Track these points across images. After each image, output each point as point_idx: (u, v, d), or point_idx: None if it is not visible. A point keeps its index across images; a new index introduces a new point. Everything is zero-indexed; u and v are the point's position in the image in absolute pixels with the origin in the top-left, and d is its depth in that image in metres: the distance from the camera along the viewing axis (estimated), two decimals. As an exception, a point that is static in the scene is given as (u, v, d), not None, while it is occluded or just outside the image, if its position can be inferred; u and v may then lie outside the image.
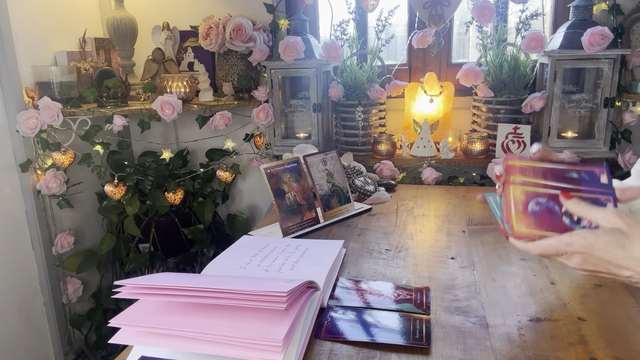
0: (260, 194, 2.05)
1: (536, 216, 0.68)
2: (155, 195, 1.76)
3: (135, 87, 1.86)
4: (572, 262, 0.66)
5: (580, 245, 0.64)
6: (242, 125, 1.92)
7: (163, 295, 0.71)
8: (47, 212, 1.73)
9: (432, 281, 0.93)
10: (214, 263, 0.98)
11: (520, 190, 0.70)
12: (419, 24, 1.72)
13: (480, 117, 1.73)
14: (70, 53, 1.78)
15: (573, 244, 0.64)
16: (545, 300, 0.84)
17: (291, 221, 1.21)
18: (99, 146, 1.70)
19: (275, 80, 1.71)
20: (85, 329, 1.86)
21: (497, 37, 1.63)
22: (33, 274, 1.71)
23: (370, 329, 0.76)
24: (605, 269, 0.63)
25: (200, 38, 1.76)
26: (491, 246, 1.09)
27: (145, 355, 0.69)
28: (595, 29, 1.45)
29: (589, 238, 0.63)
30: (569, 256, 0.66)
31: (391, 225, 1.26)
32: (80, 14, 1.88)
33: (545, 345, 0.71)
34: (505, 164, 0.73)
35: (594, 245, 0.63)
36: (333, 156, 1.36)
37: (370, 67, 1.72)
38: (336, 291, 0.89)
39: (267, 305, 0.67)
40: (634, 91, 1.56)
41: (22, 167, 1.61)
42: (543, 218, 0.68)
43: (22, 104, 1.60)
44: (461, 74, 1.65)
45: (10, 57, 1.55)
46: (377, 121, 1.80)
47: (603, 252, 0.62)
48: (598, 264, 0.64)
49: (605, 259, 0.62)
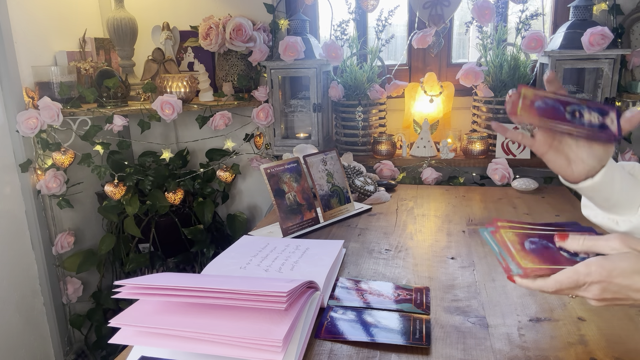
0: (260, 194, 2.05)
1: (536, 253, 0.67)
2: (155, 195, 1.76)
3: (135, 87, 1.86)
4: (590, 293, 0.62)
5: (599, 273, 0.60)
6: (242, 125, 1.92)
7: (163, 295, 0.71)
8: (47, 212, 1.73)
9: (432, 281, 0.93)
10: (214, 263, 0.98)
11: (511, 233, 0.70)
12: (419, 24, 1.72)
13: (480, 117, 1.74)
14: (70, 53, 1.78)
15: (591, 273, 0.61)
16: (545, 300, 0.84)
17: (291, 221, 1.21)
18: (99, 146, 1.70)
19: (275, 80, 1.71)
20: (85, 329, 1.86)
21: (497, 37, 1.63)
22: (33, 274, 1.71)
23: (370, 329, 0.76)
24: (625, 295, 0.61)
25: (200, 38, 1.76)
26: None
27: (145, 355, 0.69)
28: (595, 29, 1.45)
29: (605, 265, 0.61)
30: (587, 287, 0.62)
31: (391, 225, 1.26)
32: (80, 14, 1.88)
33: (545, 345, 0.71)
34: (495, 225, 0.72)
35: (612, 272, 0.60)
36: (333, 156, 1.36)
37: (370, 67, 1.72)
38: (336, 291, 0.89)
39: (267, 305, 0.67)
40: (634, 91, 1.56)
41: (22, 167, 1.61)
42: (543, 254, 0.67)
43: (22, 104, 1.60)
44: (461, 74, 1.65)
45: (10, 57, 1.55)
46: (377, 121, 1.80)
47: (621, 278, 0.60)
48: (618, 291, 0.61)
49: (624, 285, 0.60)
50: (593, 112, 0.70)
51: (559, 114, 0.69)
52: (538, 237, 0.69)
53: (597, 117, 0.70)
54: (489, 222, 0.72)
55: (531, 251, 0.67)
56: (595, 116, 0.70)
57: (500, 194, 1.53)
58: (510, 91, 0.72)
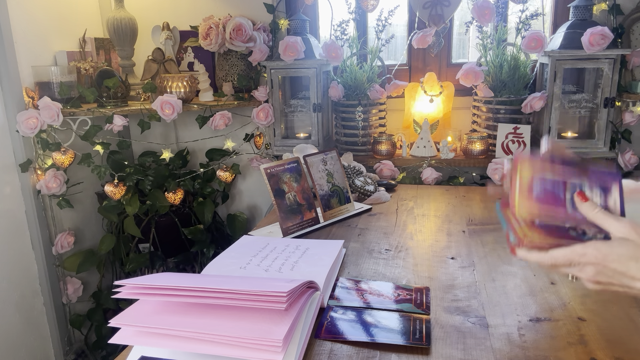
0: (260, 194, 2.05)
1: (540, 201, 0.67)
2: (155, 195, 1.76)
3: (135, 87, 1.86)
4: (584, 274, 0.64)
5: (594, 256, 0.62)
6: (242, 125, 1.92)
7: (163, 295, 0.71)
8: (47, 212, 1.73)
9: (432, 281, 0.93)
10: (214, 263, 0.98)
11: (528, 171, 0.70)
12: (419, 24, 1.72)
13: (480, 117, 1.74)
14: (70, 53, 1.77)
15: (586, 254, 0.63)
16: (545, 300, 0.84)
17: (291, 221, 1.21)
18: (99, 146, 1.70)
19: (275, 80, 1.71)
20: (85, 329, 1.86)
21: (497, 37, 1.63)
22: (33, 274, 1.71)
23: (370, 329, 0.76)
24: (619, 281, 0.62)
25: (200, 38, 1.76)
26: (491, 246, 1.09)
27: (145, 355, 0.69)
28: (595, 29, 1.45)
29: (602, 249, 0.62)
30: (581, 267, 0.64)
31: (391, 225, 1.26)
32: (80, 14, 1.88)
33: (545, 345, 0.71)
34: (514, 159, 0.72)
35: (608, 257, 0.61)
36: (333, 156, 1.36)
37: (370, 67, 1.72)
38: (336, 291, 0.89)
39: (267, 305, 0.67)
40: (634, 91, 1.56)
41: (22, 167, 1.61)
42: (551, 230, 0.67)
43: (22, 104, 1.60)
44: (461, 74, 1.65)
45: (10, 57, 1.55)
46: (377, 121, 1.80)
47: (617, 264, 0.61)
48: (612, 276, 0.62)
49: (619, 271, 0.61)
50: (595, 189, 0.69)
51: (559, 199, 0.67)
52: (554, 182, 0.68)
53: (598, 196, 0.68)
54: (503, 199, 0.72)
55: (536, 198, 0.67)
56: (597, 195, 0.68)
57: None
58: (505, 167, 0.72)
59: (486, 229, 1.21)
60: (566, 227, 0.67)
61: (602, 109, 1.55)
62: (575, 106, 1.61)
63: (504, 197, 0.74)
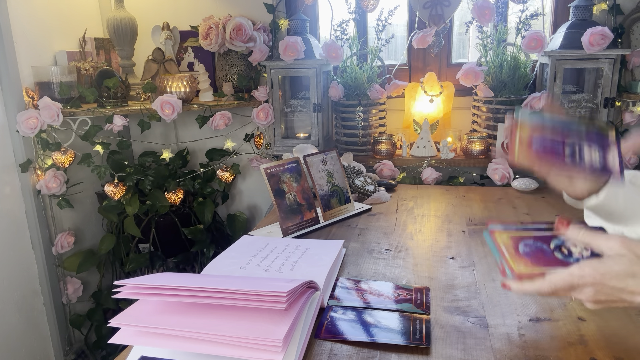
0: (260, 194, 2.05)
1: (529, 256, 0.68)
2: (155, 195, 1.76)
3: (135, 87, 1.86)
4: (584, 295, 0.63)
5: (592, 276, 0.61)
6: (242, 125, 1.92)
7: (163, 295, 0.71)
8: (47, 212, 1.73)
9: (432, 281, 0.93)
10: (214, 263, 0.98)
11: (506, 236, 0.70)
12: (419, 24, 1.72)
13: (480, 117, 1.73)
14: (70, 53, 1.77)
15: (585, 276, 0.62)
16: (545, 300, 0.84)
17: (291, 221, 1.21)
18: (99, 146, 1.70)
19: (275, 80, 1.71)
20: (85, 329, 1.86)
21: (497, 37, 1.63)
22: (33, 274, 1.71)
23: (370, 329, 0.76)
24: (618, 297, 0.61)
25: (200, 38, 1.76)
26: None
27: (145, 355, 0.69)
28: (595, 29, 1.45)
29: (599, 269, 0.61)
30: (581, 289, 0.63)
31: (391, 225, 1.26)
32: (80, 14, 1.88)
33: (545, 345, 0.71)
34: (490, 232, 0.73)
35: (606, 276, 0.61)
36: (333, 156, 1.36)
37: (370, 67, 1.72)
38: (336, 291, 0.89)
39: (267, 305, 0.67)
40: (634, 91, 1.56)
41: (22, 167, 1.61)
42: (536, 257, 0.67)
43: (22, 104, 1.60)
44: (461, 74, 1.65)
45: (10, 57, 1.55)
46: (377, 121, 1.80)
47: (615, 281, 0.61)
48: (611, 294, 0.62)
49: (618, 287, 0.61)
50: (593, 147, 0.69)
51: (558, 154, 0.69)
52: (533, 239, 0.69)
53: (597, 153, 0.69)
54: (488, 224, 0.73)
55: (525, 254, 0.67)
56: (596, 152, 0.69)
57: (500, 194, 1.53)
58: (507, 120, 0.72)
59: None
60: (551, 250, 0.68)
61: (602, 109, 1.55)
62: (575, 106, 1.61)
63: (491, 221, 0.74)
